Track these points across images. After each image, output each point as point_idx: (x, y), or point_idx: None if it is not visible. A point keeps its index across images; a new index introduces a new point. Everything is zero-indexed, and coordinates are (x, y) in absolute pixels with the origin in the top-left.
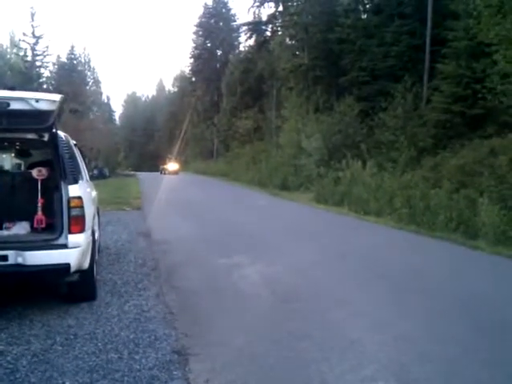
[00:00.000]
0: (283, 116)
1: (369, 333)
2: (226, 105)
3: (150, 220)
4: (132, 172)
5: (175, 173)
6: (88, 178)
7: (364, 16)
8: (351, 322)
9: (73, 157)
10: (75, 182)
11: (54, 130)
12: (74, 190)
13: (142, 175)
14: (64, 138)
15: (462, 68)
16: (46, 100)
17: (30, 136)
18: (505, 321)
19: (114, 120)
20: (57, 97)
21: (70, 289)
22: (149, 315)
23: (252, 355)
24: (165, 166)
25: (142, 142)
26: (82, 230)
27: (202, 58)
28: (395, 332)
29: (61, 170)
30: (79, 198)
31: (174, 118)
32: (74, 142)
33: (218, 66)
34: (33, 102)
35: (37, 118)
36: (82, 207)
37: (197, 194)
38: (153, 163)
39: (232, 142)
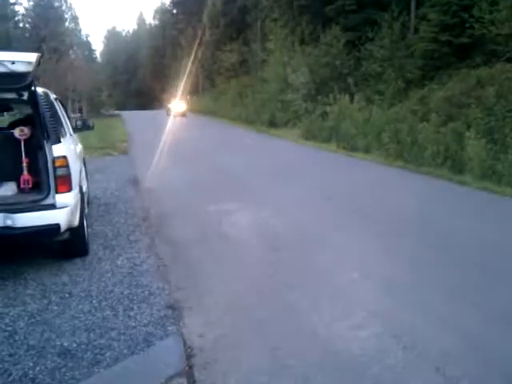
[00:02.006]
0: (268, 49)
1: (356, 279)
2: (209, 38)
3: (137, 165)
4: (116, 112)
5: (183, 115)
6: (72, 132)
7: None
8: (339, 269)
9: (55, 114)
10: (58, 141)
11: (32, 89)
12: (57, 150)
13: (126, 115)
14: (44, 96)
15: None
16: (21, 62)
17: (10, 96)
18: (486, 262)
19: (95, 58)
20: (33, 57)
21: (62, 246)
22: (142, 269)
23: (243, 307)
24: (169, 106)
25: (126, 79)
26: (69, 190)
27: None
28: (381, 277)
29: (43, 130)
30: (64, 157)
31: (157, 52)
32: (55, 97)
33: None
34: (8, 65)
35: (14, 79)
36: (67, 166)
37: (181, 133)
38: (138, 101)
39: (217, 77)
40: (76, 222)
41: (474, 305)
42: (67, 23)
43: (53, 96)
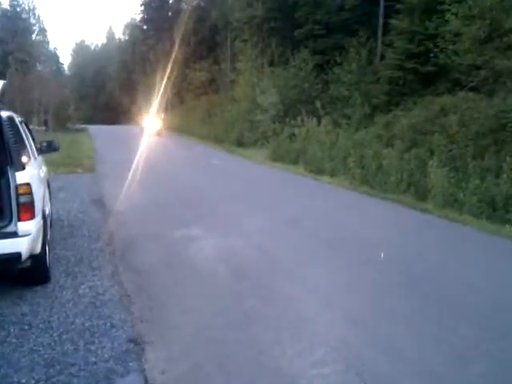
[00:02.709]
0: (238, 69)
1: (320, 311)
2: (179, 55)
3: (103, 184)
4: (83, 126)
5: (158, 134)
6: (36, 155)
7: None
8: (303, 300)
9: (19, 139)
10: (22, 167)
11: None
12: (21, 177)
13: (93, 129)
14: (8, 121)
15: (416, 25)
16: None
17: None
18: (444, 294)
19: (63, 71)
20: None
21: (23, 273)
22: (104, 298)
23: (207, 340)
24: (143, 124)
25: (93, 92)
26: (31, 217)
27: (154, 5)
28: (344, 310)
29: (6, 156)
30: (27, 184)
31: (126, 67)
32: (20, 120)
33: (170, 14)
34: None
35: None
36: (30, 193)
37: (149, 151)
38: (105, 115)
39: (186, 94)
40: (38, 250)
41: (436, 341)
42: (35, 35)
43: (18, 119)
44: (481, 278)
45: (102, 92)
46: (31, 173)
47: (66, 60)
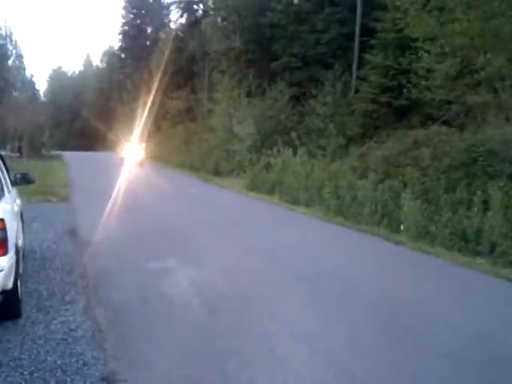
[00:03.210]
0: (215, 99)
1: (295, 348)
2: (156, 84)
3: (77, 214)
4: (57, 152)
5: (140, 164)
6: (10, 189)
7: (296, 1)
8: (278, 335)
9: None
10: None
11: None
12: None
13: (68, 156)
14: None
15: (389, 60)
16: None
17: None
18: (413, 328)
19: (39, 97)
20: None
21: None
22: (77, 335)
23: (182, 379)
24: (122, 154)
25: (69, 119)
26: (4, 253)
27: (132, 34)
28: (321, 347)
29: None
30: (1, 220)
31: (103, 94)
32: None
33: (148, 43)
34: None
35: None
36: (3, 229)
37: (125, 179)
38: (81, 141)
39: (163, 123)
40: (10, 285)
41: (413, 379)
42: (11, 61)
43: None
44: (454, 311)
45: (78, 118)
46: (5, 208)
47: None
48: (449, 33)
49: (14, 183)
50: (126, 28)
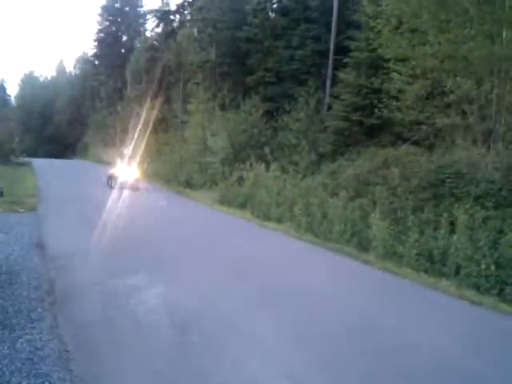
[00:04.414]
0: (189, 110)
1: (263, 368)
2: (130, 93)
3: (46, 225)
4: (26, 159)
5: (135, 188)
6: None
7: (272, 15)
8: (247, 357)
9: None
10: None
11: None
12: None
13: (38, 163)
14: None
15: (362, 79)
16: None
17: None
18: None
19: (9, 101)
20: None
21: None
22: (43, 354)
23: None
24: (113, 172)
25: (39, 124)
26: None
27: (107, 42)
28: (288, 367)
29: None
30: None
31: (76, 101)
32: None
33: (122, 51)
34: None
35: None
36: None
37: (95, 188)
38: (51, 148)
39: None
40: None
41: None
42: None
43: None
44: (417, 333)
45: (49, 125)
46: None
47: (12, 91)
48: (420, 55)
49: None
50: (102, 35)
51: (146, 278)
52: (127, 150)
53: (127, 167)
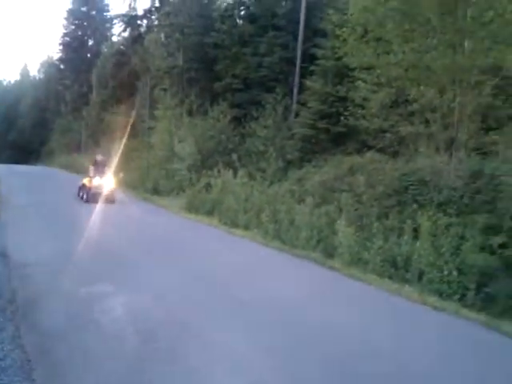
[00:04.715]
0: (156, 116)
1: (226, 377)
2: (96, 97)
3: (8, 232)
4: None
5: (110, 200)
6: None
7: (240, 21)
8: (210, 365)
9: None
10: None
11: None
12: None
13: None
14: None
15: (328, 87)
16: None
17: None
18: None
19: None
20: None
21: None
22: (4, 364)
23: None
24: (85, 182)
25: (2, 129)
26: None
27: (73, 46)
28: (252, 377)
29: None
30: None
31: (40, 106)
32: None
33: (88, 56)
34: None
35: None
36: None
37: (57, 195)
38: (14, 153)
39: (102, 137)
40: None
41: None
42: None
43: None
44: (378, 338)
45: (13, 129)
46: None
47: None
48: (385, 64)
49: None
50: (67, 39)
51: (112, 286)
52: (100, 157)
53: (101, 176)
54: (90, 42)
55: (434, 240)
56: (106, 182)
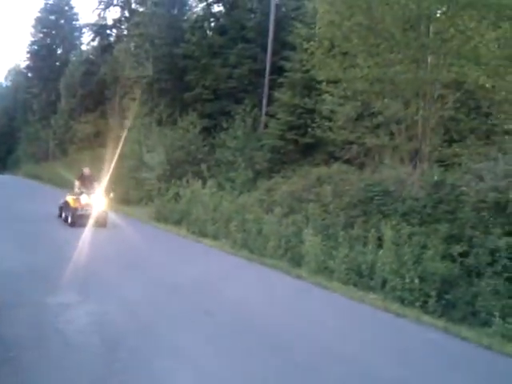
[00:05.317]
0: (125, 125)
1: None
2: (64, 106)
3: None
4: None
5: (101, 222)
6: None
7: (210, 33)
8: (176, 373)
9: None
10: None
11: None
12: None
13: None
14: None
15: (297, 99)
16: None
17: None
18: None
19: None
20: None
21: None
22: None
23: None
24: (69, 201)
25: None
26: None
27: (41, 54)
28: (216, 380)
29: None
30: None
31: (6, 113)
32: None
33: (57, 64)
34: None
35: None
36: None
37: (24, 205)
38: None
39: (70, 146)
40: None
41: None
42: None
43: None
44: (340, 344)
45: None
46: None
47: None
48: (351, 77)
49: None
50: (35, 47)
51: (75, 295)
52: (88, 171)
53: (90, 194)
54: (59, 51)
55: (397, 249)
56: (96, 200)
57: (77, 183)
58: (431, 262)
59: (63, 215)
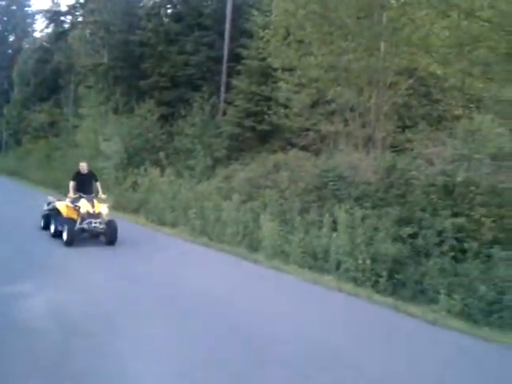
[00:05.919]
0: (81, 114)
1: (150, 365)
2: (17, 95)
3: None
4: None
5: (111, 240)
6: None
7: (166, 20)
8: (133, 355)
9: None
10: None
11: None
12: None
13: None
14: None
15: (254, 86)
16: None
17: None
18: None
19: None
20: None
21: None
22: None
23: None
24: (60, 208)
25: None
26: None
27: None
28: (174, 366)
29: None
30: None
31: None
32: None
33: (9, 52)
34: None
35: None
36: None
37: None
38: None
39: (24, 136)
40: None
41: None
42: None
43: None
44: (293, 322)
45: None
46: None
47: None
48: (305, 65)
49: None
50: None
51: (31, 284)
52: (86, 167)
53: (90, 199)
54: (11, 38)
55: (351, 232)
56: (100, 207)
57: (72, 185)
58: (382, 244)
59: (52, 228)
